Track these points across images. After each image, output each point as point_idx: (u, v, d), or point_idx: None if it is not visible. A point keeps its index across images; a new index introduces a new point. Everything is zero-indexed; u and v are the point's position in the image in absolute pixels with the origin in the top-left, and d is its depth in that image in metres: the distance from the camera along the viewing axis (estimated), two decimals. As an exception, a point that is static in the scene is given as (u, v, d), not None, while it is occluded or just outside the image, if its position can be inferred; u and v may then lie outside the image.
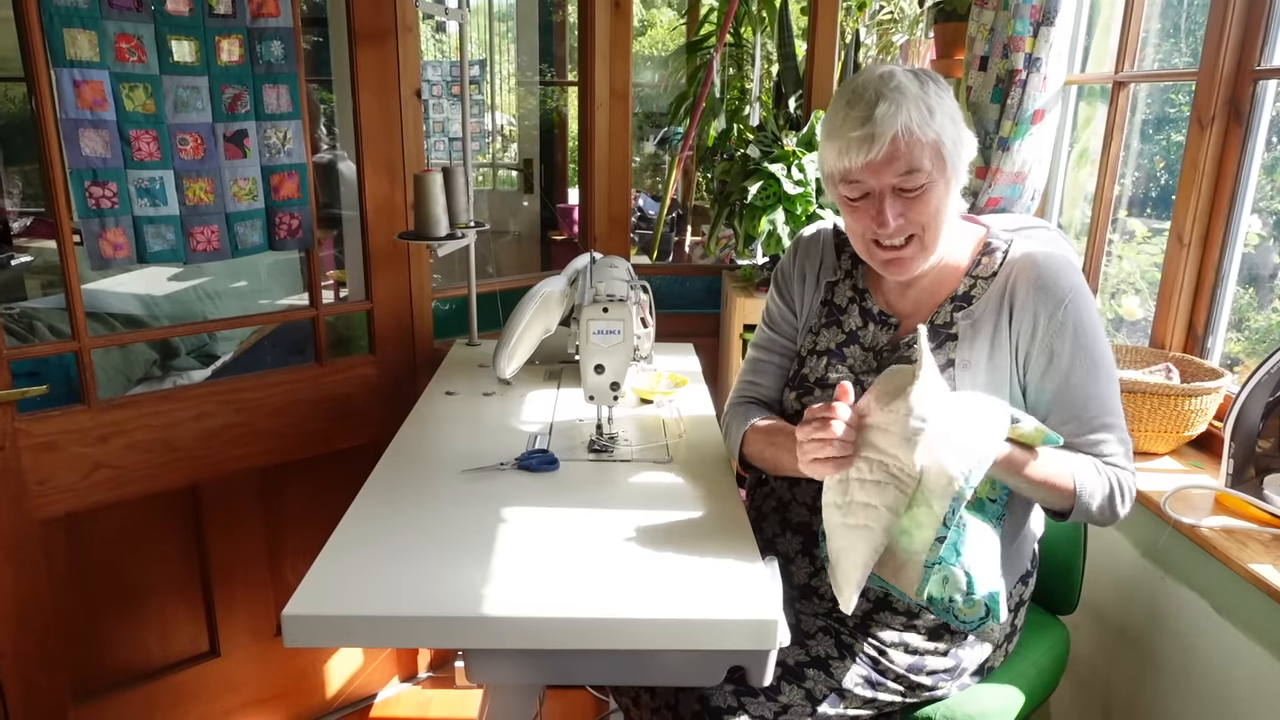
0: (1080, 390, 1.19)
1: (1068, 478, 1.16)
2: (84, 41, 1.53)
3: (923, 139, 1.14)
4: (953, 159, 1.17)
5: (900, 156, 1.14)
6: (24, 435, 1.62)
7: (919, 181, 1.15)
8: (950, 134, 1.16)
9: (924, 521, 1.04)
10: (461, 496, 1.35)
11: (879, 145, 1.13)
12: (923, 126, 1.14)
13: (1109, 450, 1.21)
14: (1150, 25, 2.06)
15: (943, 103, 1.17)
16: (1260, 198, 1.76)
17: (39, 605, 1.69)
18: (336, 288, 3.24)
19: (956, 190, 1.20)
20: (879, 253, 1.22)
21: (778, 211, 2.21)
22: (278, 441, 1.96)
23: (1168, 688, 1.55)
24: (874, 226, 1.19)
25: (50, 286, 3.09)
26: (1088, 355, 1.18)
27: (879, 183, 1.17)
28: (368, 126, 1.96)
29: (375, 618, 1.05)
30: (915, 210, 1.17)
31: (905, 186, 1.16)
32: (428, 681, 2.36)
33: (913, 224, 1.18)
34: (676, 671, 1.14)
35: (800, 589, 1.33)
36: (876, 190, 1.18)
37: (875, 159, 1.14)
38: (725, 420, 1.49)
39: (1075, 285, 1.19)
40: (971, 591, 1.11)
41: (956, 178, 1.19)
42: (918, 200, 1.17)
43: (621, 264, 1.77)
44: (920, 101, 1.14)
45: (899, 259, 1.21)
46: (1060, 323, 1.18)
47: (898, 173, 1.15)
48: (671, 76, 4.83)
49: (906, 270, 1.23)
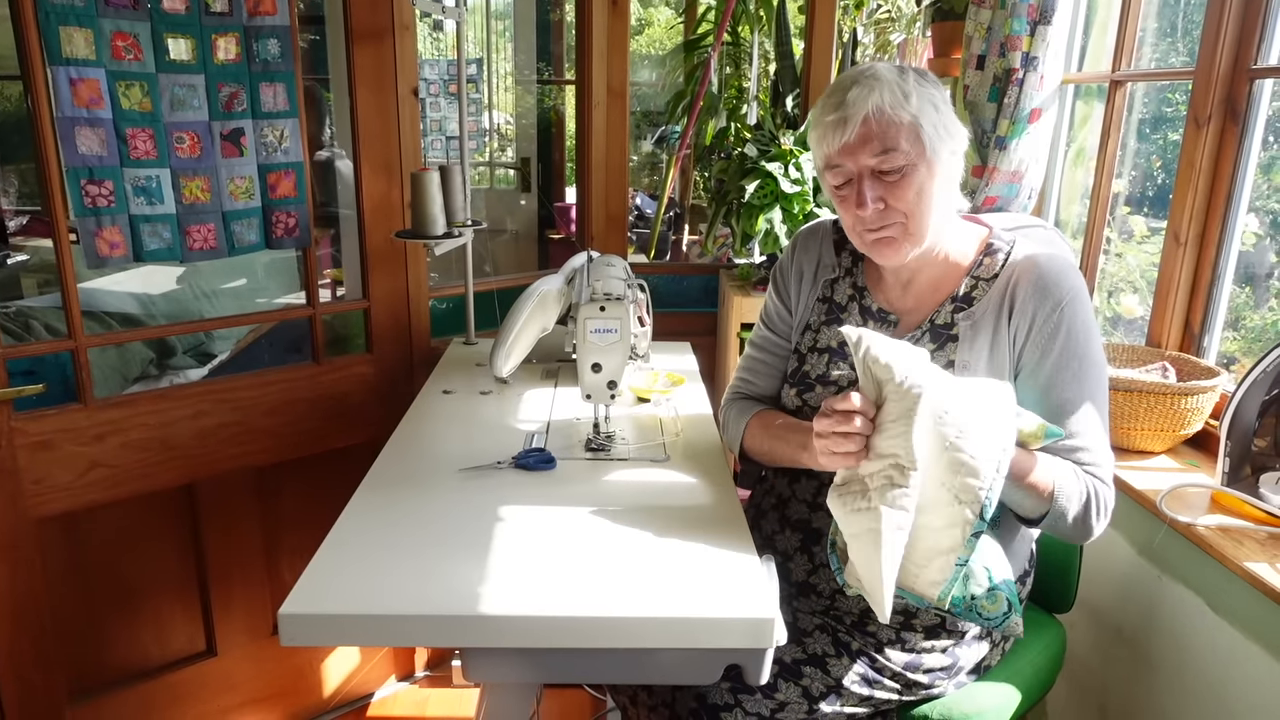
0: (1063, 392, 1.18)
1: (1048, 481, 1.14)
2: (80, 39, 1.52)
3: (895, 119, 1.14)
4: (933, 142, 1.16)
5: (874, 137, 1.15)
6: (20, 434, 1.62)
7: (897, 163, 1.16)
8: (930, 118, 1.16)
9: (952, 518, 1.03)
10: (458, 495, 1.35)
11: (851, 126, 1.15)
12: (895, 107, 1.14)
13: (1089, 460, 1.19)
14: (1147, 24, 2.07)
15: (923, 90, 1.17)
16: (1256, 197, 1.76)
17: (35, 604, 1.69)
18: (333, 286, 3.23)
19: (943, 179, 1.19)
20: (866, 235, 1.22)
21: (775, 210, 2.22)
22: (274, 440, 1.96)
23: (1164, 686, 1.55)
24: (856, 212, 1.19)
25: (46, 285, 3.08)
26: (1076, 359, 1.17)
27: (856, 164, 1.18)
28: (365, 125, 1.95)
29: (372, 616, 1.05)
30: (895, 194, 1.17)
31: (883, 169, 1.16)
32: (425, 680, 2.36)
33: (894, 210, 1.18)
34: (673, 670, 1.14)
35: (798, 586, 1.34)
36: (856, 173, 1.18)
37: (849, 140, 1.16)
38: (723, 413, 1.49)
39: (1074, 288, 1.19)
40: (993, 586, 1.10)
41: (940, 164, 1.18)
42: (898, 185, 1.17)
43: (619, 263, 1.77)
44: (895, 86, 1.15)
45: (886, 238, 1.21)
46: (1055, 324, 1.17)
47: (873, 153, 1.16)
48: (669, 75, 4.83)
49: (895, 253, 1.22)
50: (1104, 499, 1.18)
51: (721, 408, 1.51)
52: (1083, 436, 1.18)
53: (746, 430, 1.40)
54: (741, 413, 1.43)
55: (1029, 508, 1.17)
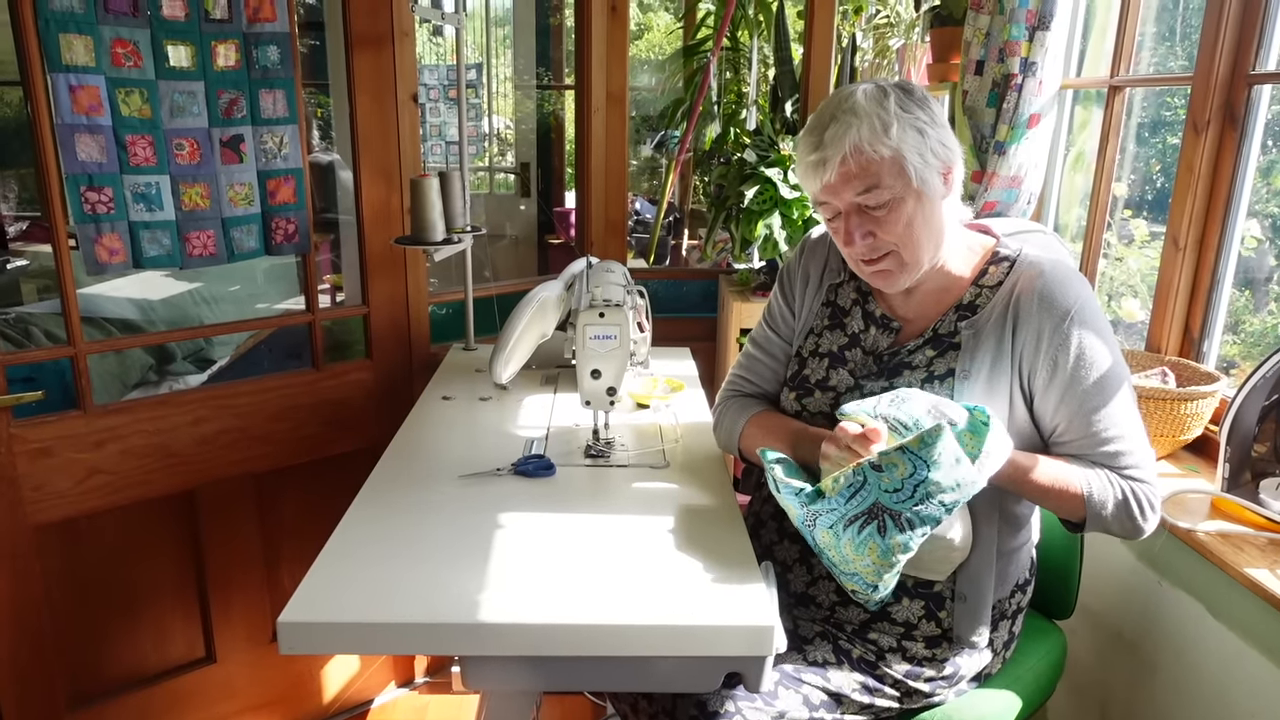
0: (1088, 403, 1.17)
1: (1079, 484, 1.16)
2: (80, 46, 1.53)
3: (875, 155, 1.13)
4: (919, 172, 1.15)
5: (855, 176, 1.15)
6: (19, 441, 1.62)
7: (882, 199, 1.15)
8: (913, 146, 1.14)
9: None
10: (458, 502, 1.35)
11: (831, 167, 1.15)
12: (873, 143, 1.13)
13: (1126, 463, 1.19)
14: (1146, 29, 2.07)
15: (905, 116, 1.14)
16: (1255, 201, 1.76)
17: (34, 611, 1.69)
18: (333, 292, 3.24)
19: (936, 202, 1.18)
20: (863, 266, 1.24)
21: (774, 216, 2.22)
22: (274, 447, 1.95)
23: (1164, 692, 1.55)
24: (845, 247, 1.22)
25: (46, 291, 3.08)
26: (1094, 368, 1.17)
27: (841, 202, 1.18)
28: (364, 131, 1.96)
29: (371, 624, 1.05)
30: (884, 227, 1.17)
31: (869, 204, 1.16)
32: (424, 687, 2.36)
33: (883, 242, 1.18)
34: (673, 678, 1.14)
35: (797, 596, 1.33)
36: (842, 210, 1.19)
37: (830, 180, 1.16)
38: (718, 411, 1.49)
39: (1082, 298, 1.18)
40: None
41: (930, 190, 1.17)
42: (885, 219, 1.17)
43: (618, 268, 1.76)
44: (874, 118, 1.13)
45: (882, 271, 1.22)
46: (1065, 335, 1.16)
47: (856, 191, 1.16)
48: (668, 80, 4.84)
49: (893, 283, 1.23)
50: (1144, 497, 1.18)
51: (716, 404, 1.50)
52: (1119, 442, 1.18)
53: (744, 431, 1.40)
54: (739, 411, 1.42)
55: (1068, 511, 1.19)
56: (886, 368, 1.27)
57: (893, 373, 1.26)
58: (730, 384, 1.49)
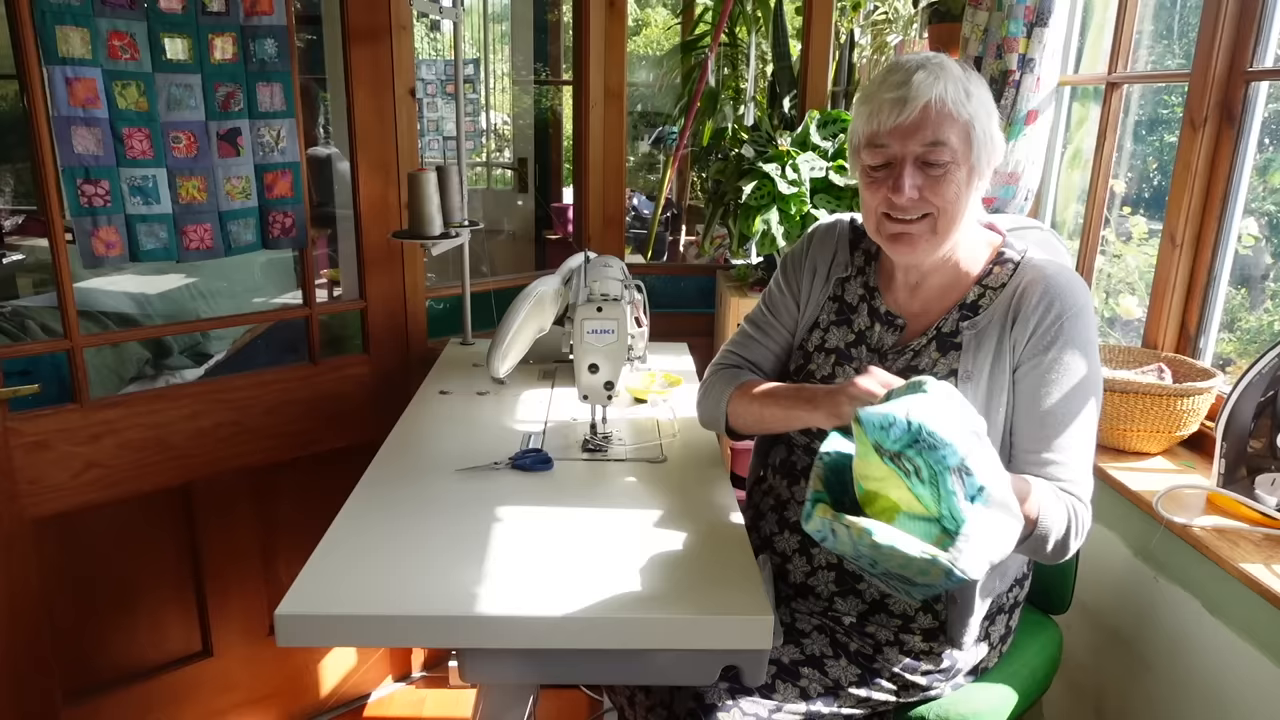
0: (1048, 402, 1.16)
1: (1033, 506, 1.09)
2: (76, 39, 1.52)
3: (955, 114, 1.14)
4: (980, 146, 1.16)
5: (929, 125, 1.14)
6: (15, 434, 1.62)
7: (943, 157, 1.15)
8: (983, 122, 1.16)
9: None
10: (455, 496, 1.35)
11: (910, 109, 1.13)
12: (957, 103, 1.14)
13: (1065, 475, 1.15)
14: (1143, 26, 2.07)
15: (982, 94, 1.17)
16: (1252, 199, 1.77)
17: (30, 605, 1.69)
18: (330, 287, 3.23)
19: (978, 185, 1.19)
20: (889, 225, 1.20)
21: (772, 211, 2.21)
22: (271, 441, 1.95)
23: (1160, 687, 1.56)
24: (890, 196, 1.17)
25: (42, 285, 3.07)
26: (1069, 374, 1.16)
27: (903, 149, 1.16)
28: (362, 125, 1.95)
29: (368, 617, 1.05)
30: (934, 190, 1.16)
31: (929, 160, 1.15)
32: (421, 681, 2.36)
33: (929, 203, 1.17)
34: (671, 671, 1.14)
35: (796, 588, 1.33)
36: (900, 157, 1.16)
37: (904, 122, 1.14)
38: (706, 382, 1.44)
39: (1079, 305, 1.18)
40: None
41: (979, 171, 1.18)
42: (939, 180, 1.16)
43: (616, 263, 1.76)
44: (961, 82, 1.15)
45: (907, 234, 1.19)
46: (1053, 334, 1.17)
47: (924, 141, 1.14)
48: (666, 76, 4.83)
49: (914, 250, 1.20)
50: (1082, 520, 1.16)
51: (705, 375, 1.45)
52: (1063, 452, 1.16)
53: (733, 396, 1.35)
54: (728, 380, 1.38)
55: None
56: (892, 367, 1.27)
57: (898, 373, 1.25)
58: (721, 357, 1.45)
